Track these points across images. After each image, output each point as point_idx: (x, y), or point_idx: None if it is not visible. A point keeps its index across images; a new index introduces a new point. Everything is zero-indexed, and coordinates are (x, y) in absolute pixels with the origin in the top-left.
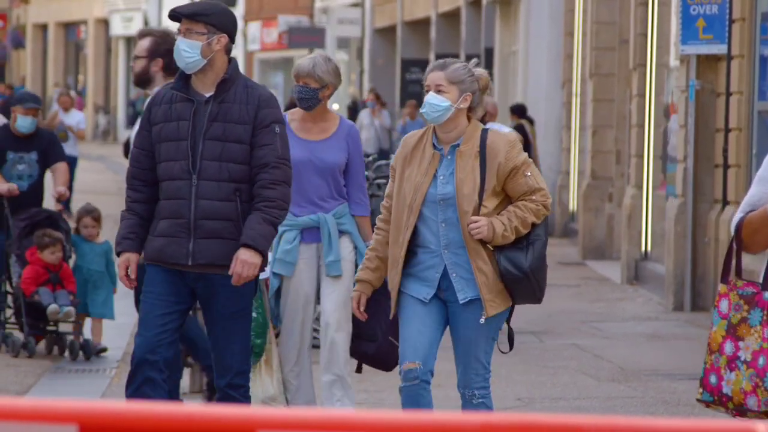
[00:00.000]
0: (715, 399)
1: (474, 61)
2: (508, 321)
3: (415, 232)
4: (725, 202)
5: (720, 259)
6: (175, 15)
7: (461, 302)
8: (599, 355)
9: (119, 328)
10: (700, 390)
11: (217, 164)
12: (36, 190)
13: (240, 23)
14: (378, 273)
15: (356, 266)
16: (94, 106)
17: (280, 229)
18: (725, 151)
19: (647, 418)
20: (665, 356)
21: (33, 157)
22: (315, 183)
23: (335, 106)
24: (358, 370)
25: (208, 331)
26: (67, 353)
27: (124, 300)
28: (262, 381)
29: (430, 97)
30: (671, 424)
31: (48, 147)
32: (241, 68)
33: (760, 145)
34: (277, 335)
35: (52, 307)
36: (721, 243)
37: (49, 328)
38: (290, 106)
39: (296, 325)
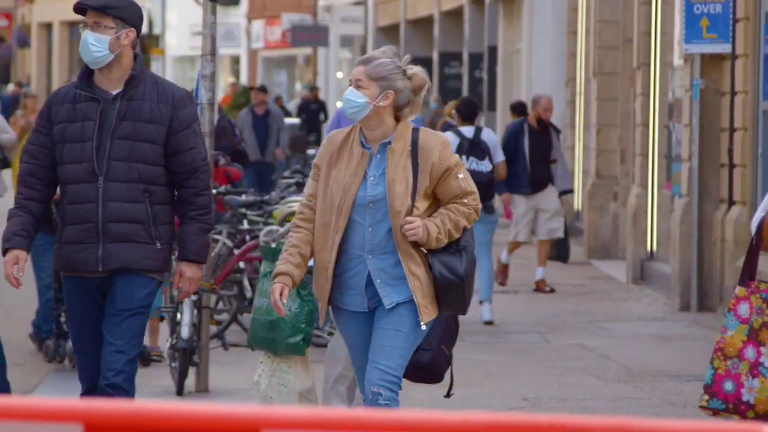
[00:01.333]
0: (729, 407)
1: (407, 57)
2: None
3: (342, 236)
4: (731, 202)
5: (726, 258)
6: (81, 7)
7: (387, 307)
8: (605, 355)
9: None
10: (706, 397)
11: (126, 164)
12: None
13: (243, 21)
14: (300, 270)
15: None
16: None
17: None
18: (730, 150)
19: (654, 419)
20: (672, 357)
21: None
22: None
23: (338, 105)
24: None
25: (103, 327)
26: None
27: None
28: (297, 373)
29: (348, 92)
30: (678, 425)
31: None
32: (245, 67)
33: (766, 144)
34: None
35: None
36: (727, 243)
37: None
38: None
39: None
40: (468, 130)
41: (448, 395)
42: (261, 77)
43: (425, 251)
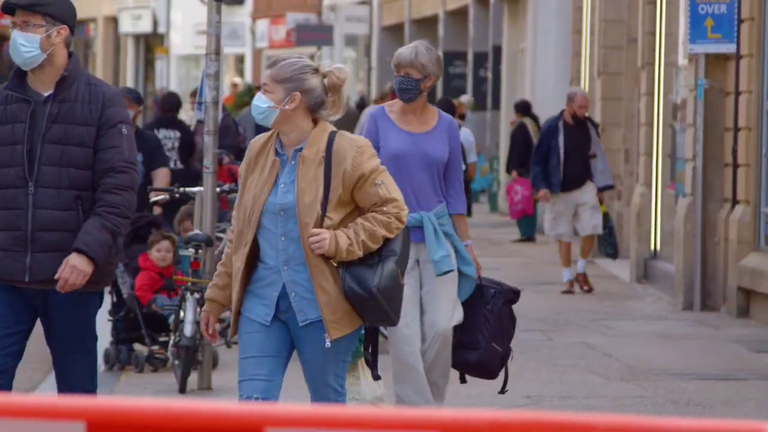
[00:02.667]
0: None
1: (318, 53)
2: (366, 346)
3: (255, 246)
4: (735, 202)
5: (729, 258)
6: (9, 6)
7: (301, 325)
8: (608, 353)
9: None
10: None
11: (57, 170)
12: (140, 194)
13: (248, 21)
14: (227, 291)
15: (458, 272)
16: None
17: None
18: (734, 150)
19: (657, 418)
20: (675, 356)
21: (138, 159)
22: (418, 178)
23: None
24: (462, 380)
25: (50, 349)
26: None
27: None
28: (368, 381)
29: (256, 98)
30: (681, 423)
31: (153, 150)
32: (249, 66)
33: None
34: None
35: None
36: (731, 242)
37: (162, 339)
38: (380, 99)
39: (403, 329)
40: None
41: (502, 391)
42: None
43: (335, 264)
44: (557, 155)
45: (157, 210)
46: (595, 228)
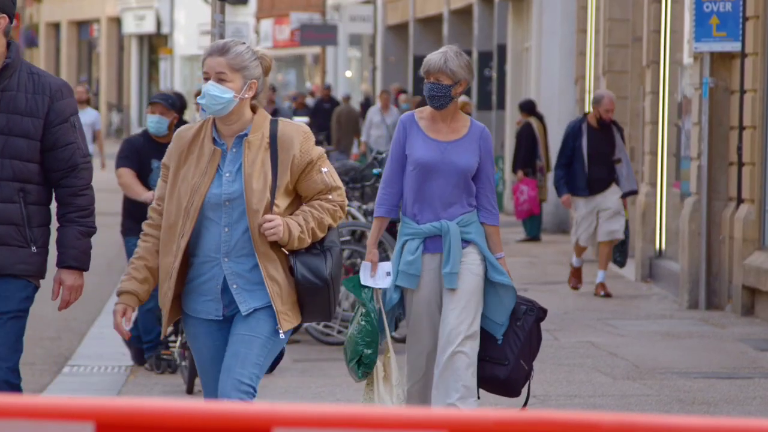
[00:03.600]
0: None
1: (254, 38)
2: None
3: (191, 240)
4: (740, 200)
5: (734, 256)
6: None
7: (244, 314)
8: (614, 352)
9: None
10: None
11: None
12: None
13: (252, 21)
14: (146, 285)
15: (485, 279)
16: (107, 105)
17: (402, 238)
18: (739, 148)
19: (662, 416)
20: (680, 354)
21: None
22: (443, 187)
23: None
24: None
25: None
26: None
27: None
28: (380, 397)
29: (210, 87)
30: (686, 422)
31: None
32: None
33: None
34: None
35: None
36: (736, 241)
37: (172, 340)
38: (421, 104)
39: (424, 338)
40: None
41: (524, 407)
42: (270, 76)
43: (286, 252)
44: (581, 158)
45: None
46: (612, 234)
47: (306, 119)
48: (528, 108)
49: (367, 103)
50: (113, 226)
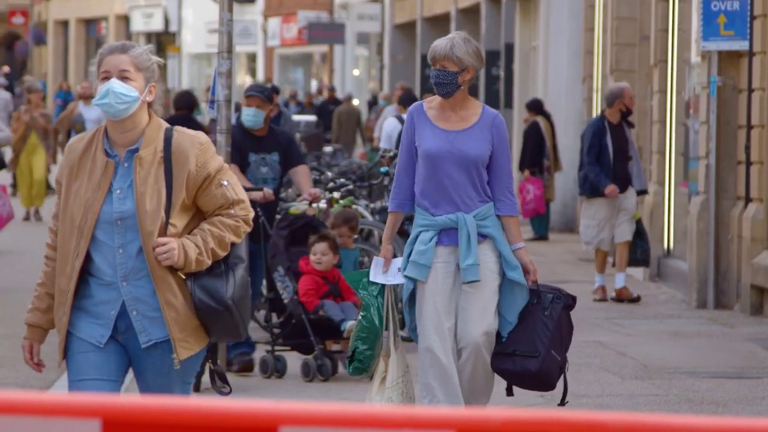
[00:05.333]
0: None
1: (150, 47)
2: (209, 361)
3: (86, 260)
4: (748, 199)
5: (743, 256)
6: None
7: (144, 347)
8: (622, 352)
9: None
10: None
11: None
12: (277, 194)
13: (260, 19)
14: (50, 314)
15: (502, 276)
16: None
17: (416, 229)
18: (747, 147)
19: (671, 416)
20: (688, 354)
21: (275, 158)
22: (455, 178)
23: (355, 102)
24: (509, 392)
25: None
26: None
27: None
28: (371, 397)
29: (116, 84)
30: (695, 422)
31: (288, 147)
32: (261, 64)
33: None
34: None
35: (351, 324)
36: (744, 240)
37: (335, 347)
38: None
39: (434, 335)
40: None
41: (562, 403)
42: (277, 75)
43: (183, 276)
44: (608, 156)
45: (311, 211)
46: (626, 236)
47: (313, 118)
48: (535, 107)
49: (374, 102)
50: None
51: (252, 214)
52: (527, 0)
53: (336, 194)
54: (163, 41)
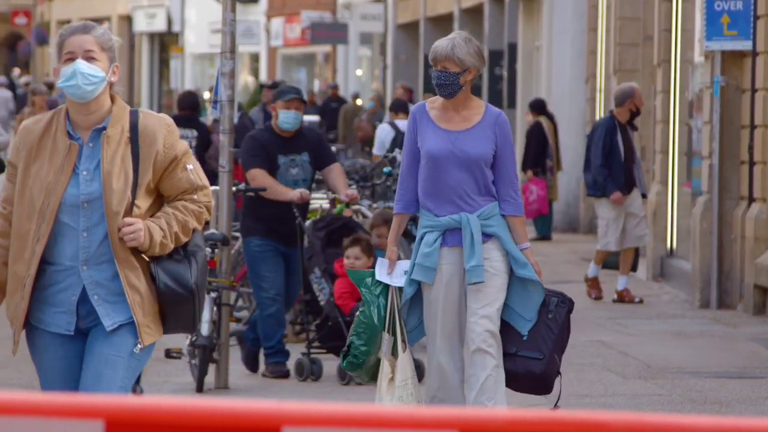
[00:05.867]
0: None
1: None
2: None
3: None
4: (751, 199)
5: (746, 255)
6: None
7: (108, 329)
8: (625, 352)
9: None
10: None
11: None
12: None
13: (263, 19)
14: None
15: (509, 274)
16: None
17: (420, 230)
18: (751, 147)
19: (674, 416)
20: (691, 354)
21: (305, 158)
22: (457, 178)
23: (359, 102)
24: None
25: None
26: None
27: None
28: (381, 397)
29: (81, 65)
30: (698, 422)
31: (319, 146)
32: (264, 64)
33: None
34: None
35: None
36: (747, 240)
37: None
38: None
39: (443, 337)
40: (403, 124)
41: (555, 406)
42: (280, 75)
43: (147, 259)
44: (618, 156)
45: (348, 212)
46: (641, 239)
47: (316, 118)
48: (538, 107)
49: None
50: None
51: (213, 203)
52: (530, 0)
53: None
54: (166, 41)
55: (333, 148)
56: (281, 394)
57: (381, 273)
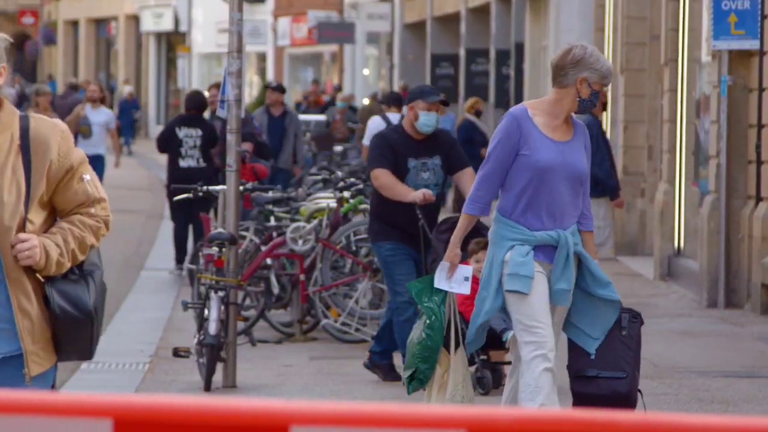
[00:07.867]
0: None
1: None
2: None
3: None
4: (758, 198)
5: (753, 255)
6: None
7: None
8: None
9: (151, 322)
10: None
11: None
12: (438, 201)
13: (270, 19)
14: None
15: (583, 290)
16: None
17: (506, 242)
18: (758, 147)
19: (681, 415)
20: (699, 353)
21: (437, 162)
22: (561, 192)
23: (365, 101)
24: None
25: None
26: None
27: (157, 295)
28: (430, 399)
29: None
30: (705, 421)
31: (452, 150)
32: (271, 63)
33: None
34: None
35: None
36: (755, 239)
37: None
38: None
39: (550, 352)
40: (395, 117)
41: None
42: (287, 74)
43: (41, 280)
44: (610, 155)
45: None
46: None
47: (323, 117)
48: None
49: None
50: (131, 222)
51: (111, 217)
52: None
53: (346, 193)
54: (173, 41)
55: (340, 148)
56: (289, 393)
57: (440, 278)
